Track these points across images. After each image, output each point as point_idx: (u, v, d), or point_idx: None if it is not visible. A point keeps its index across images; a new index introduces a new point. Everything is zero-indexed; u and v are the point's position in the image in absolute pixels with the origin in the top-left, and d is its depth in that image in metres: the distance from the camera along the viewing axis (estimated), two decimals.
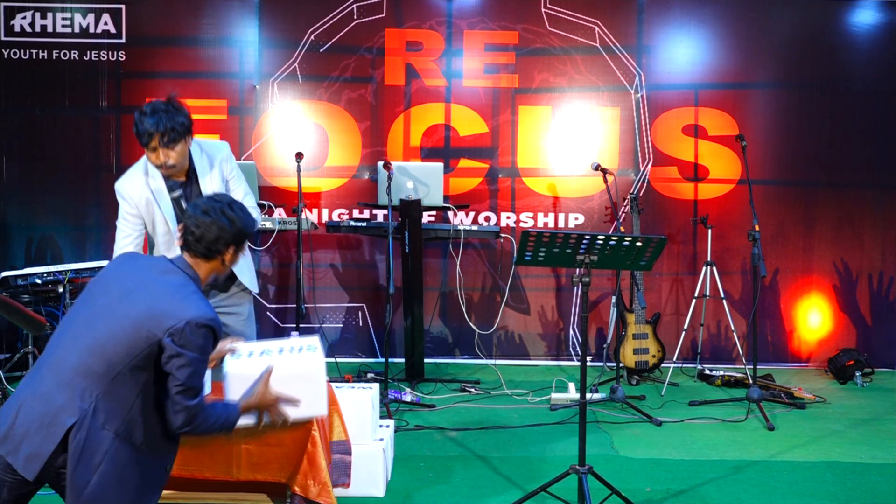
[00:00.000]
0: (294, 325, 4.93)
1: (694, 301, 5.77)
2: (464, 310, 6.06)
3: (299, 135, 6.12)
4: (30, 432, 2.29)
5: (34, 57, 6.09)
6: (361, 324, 6.24)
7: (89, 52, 6.09)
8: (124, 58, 6.10)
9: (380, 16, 6.13)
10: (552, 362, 6.25)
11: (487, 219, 6.21)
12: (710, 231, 5.80)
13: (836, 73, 6.19)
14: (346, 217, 6.16)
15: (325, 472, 2.89)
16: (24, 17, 6.09)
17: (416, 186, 5.44)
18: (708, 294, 5.74)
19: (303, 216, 5.35)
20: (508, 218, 6.22)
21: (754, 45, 6.19)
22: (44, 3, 6.08)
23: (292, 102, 6.15)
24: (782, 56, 6.19)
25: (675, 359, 5.93)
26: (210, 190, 3.59)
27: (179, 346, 2.31)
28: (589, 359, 6.03)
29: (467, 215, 6.16)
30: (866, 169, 6.23)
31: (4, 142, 6.11)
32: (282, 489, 2.99)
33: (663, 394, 5.41)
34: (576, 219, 6.21)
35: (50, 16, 6.09)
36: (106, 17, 6.09)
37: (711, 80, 6.19)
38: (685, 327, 5.76)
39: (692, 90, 6.19)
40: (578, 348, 6.18)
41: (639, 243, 3.31)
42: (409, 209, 5.42)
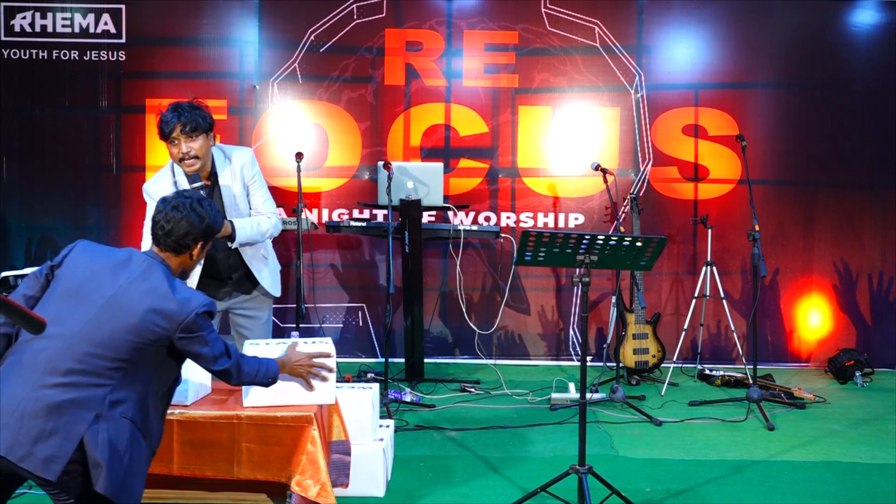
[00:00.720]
0: (294, 325, 4.93)
1: (694, 301, 5.77)
2: (464, 310, 6.06)
3: (299, 135, 6.12)
4: (44, 434, 2.26)
5: (34, 57, 6.09)
6: (361, 324, 6.24)
7: (89, 52, 6.09)
8: (124, 58, 6.10)
9: (380, 16, 6.13)
10: (552, 362, 6.25)
11: (487, 219, 6.21)
12: (710, 231, 5.80)
13: (836, 73, 6.19)
14: (346, 217, 6.16)
15: (324, 472, 2.89)
16: (24, 17, 6.09)
17: (416, 186, 5.43)
18: (708, 294, 5.74)
19: (303, 216, 5.35)
20: (508, 218, 6.22)
21: (754, 45, 6.19)
22: (44, 3, 6.08)
23: (292, 102, 6.15)
24: (782, 56, 6.19)
25: (675, 359, 5.93)
26: (231, 194, 3.63)
27: (195, 333, 2.49)
28: (589, 359, 6.03)
29: (467, 215, 6.16)
30: (866, 169, 6.23)
31: (4, 142, 6.11)
32: (282, 489, 2.99)
33: (663, 394, 5.42)
34: (576, 219, 6.21)
35: (50, 16, 6.09)
36: (106, 17, 6.09)
37: (711, 80, 6.19)
38: (685, 327, 5.76)
39: (692, 90, 6.20)
40: (578, 348, 6.18)
41: (639, 243, 3.31)
42: (409, 209, 5.42)
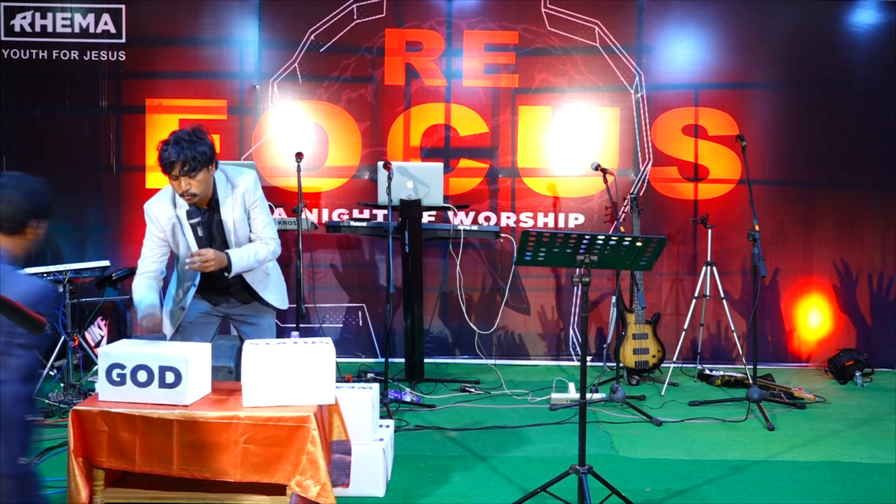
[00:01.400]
0: (294, 325, 4.93)
1: (694, 301, 5.77)
2: (464, 310, 6.06)
3: (299, 135, 6.12)
4: None
5: (34, 57, 6.09)
6: (361, 324, 6.24)
7: (89, 52, 6.09)
8: (124, 58, 6.10)
9: (380, 16, 6.13)
10: (552, 362, 6.25)
11: (487, 219, 6.21)
12: (710, 231, 5.80)
13: (836, 73, 6.19)
14: (346, 217, 6.16)
15: (324, 472, 2.89)
16: (24, 17, 6.09)
17: (416, 186, 5.43)
18: (708, 294, 5.74)
19: (303, 216, 5.35)
20: (508, 218, 6.22)
21: (754, 45, 6.19)
22: (44, 3, 6.08)
23: (292, 102, 6.15)
24: (782, 56, 6.19)
25: (675, 359, 5.93)
26: (231, 220, 3.60)
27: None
28: (589, 359, 6.03)
29: (467, 215, 6.16)
30: (866, 169, 6.23)
31: (4, 142, 6.11)
32: (282, 489, 2.98)
33: (663, 394, 5.41)
34: (576, 219, 6.21)
35: (50, 16, 6.09)
36: (106, 17, 6.09)
37: (711, 80, 6.19)
38: (685, 327, 5.76)
39: (692, 90, 6.20)
40: (578, 348, 6.18)
41: (639, 243, 3.31)
42: (409, 209, 5.42)
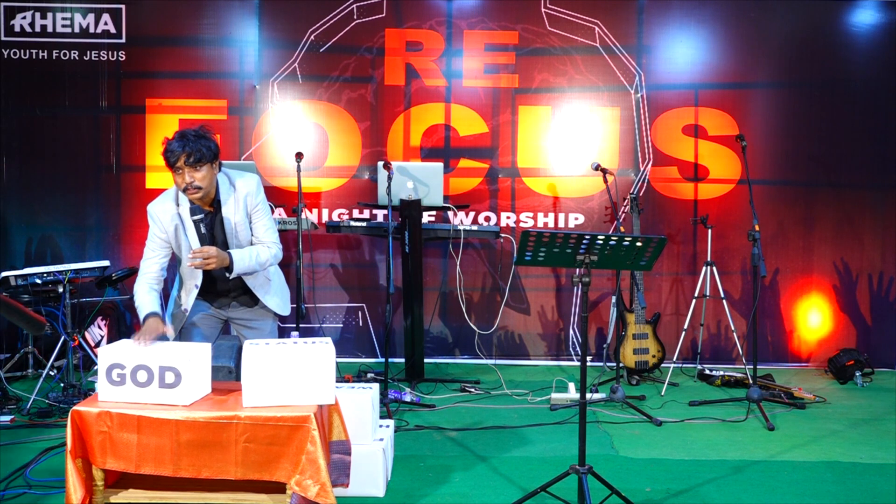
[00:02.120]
0: (294, 325, 4.93)
1: (694, 301, 5.77)
2: (464, 310, 6.06)
3: (299, 135, 6.12)
4: None
5: (34, 57, 6.09)
6: (361, 324, 6.24)
7: (89, 52, 6.09)
8: (124, 58, 6.11)
9: (380, 16, 6.13)
10: (552, 362, 6.25)
11: (487, 219, 6.21)
12: (710, 231, 5.80)
13: (836, 72, 6.20)
14: (346, 217, 6.16)
15: (324, 472, 2.89)
16: (24, 17, 6.09)
17: (416, 186, 5.43)
18: (708, 294, 5.74)
19: (303, 216, 5.35)
20: (508, 218, 6.22)
21: (754, 45, 6.19)
22: (44, 3, 6.08)
23: (292, 102, 6.15)
24: (782, 56, 6.19)
25: (675, 359, 5.94)
26: (233, 222, 3.62)
27: None
28: (589, 359, 6.03)
29: (467, 215, 6.16)
30: (866, 169, 6.24)
31: (4, 142, 6.11)
32: (281, 489, 2.98)
33: (663, 394, 5.41)
34: (576, 219, 6.21)
35: (50, 16, 6.09)
36: (106, 17, 6.09)
37: (711, 80, 6.20)
38: (685, 327, 5.76)
39: (692, 90, 6.20)
40: (578, 348, 6.18)
41: (639, 243, 3.31)
42: (409, 209, 5.42)
